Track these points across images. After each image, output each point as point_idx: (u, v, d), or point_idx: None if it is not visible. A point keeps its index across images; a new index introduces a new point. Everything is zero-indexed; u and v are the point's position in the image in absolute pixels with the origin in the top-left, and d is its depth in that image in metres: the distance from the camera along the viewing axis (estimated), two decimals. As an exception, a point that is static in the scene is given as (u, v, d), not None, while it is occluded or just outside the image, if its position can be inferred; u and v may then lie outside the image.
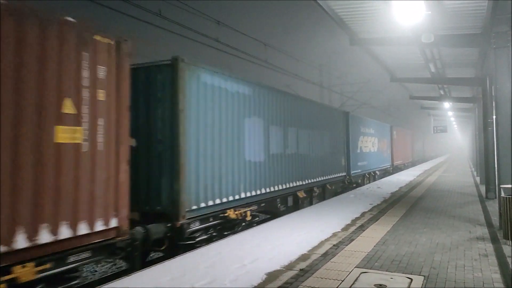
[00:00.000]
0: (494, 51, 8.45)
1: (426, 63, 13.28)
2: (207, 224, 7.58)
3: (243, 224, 8.73)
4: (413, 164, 35.84)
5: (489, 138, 11.84)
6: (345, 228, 7.78)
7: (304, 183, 12.08)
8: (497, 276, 4.89)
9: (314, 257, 5.78)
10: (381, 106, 37.17)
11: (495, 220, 8.31)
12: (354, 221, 8.49)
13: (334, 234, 7.26)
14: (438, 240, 6.73)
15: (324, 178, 13.87)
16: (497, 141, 8.54)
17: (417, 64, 13.99)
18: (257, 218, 9.47)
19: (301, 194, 11.85)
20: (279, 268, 5.25)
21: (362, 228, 7.81)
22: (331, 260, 5.60)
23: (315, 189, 13.14)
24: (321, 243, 6.58)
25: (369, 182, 19.70)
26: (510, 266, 5.26)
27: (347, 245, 6.48)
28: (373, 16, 9.11)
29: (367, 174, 20.20)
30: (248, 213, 8.79)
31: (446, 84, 16.72)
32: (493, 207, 10.07)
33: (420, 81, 15.82)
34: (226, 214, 8.07)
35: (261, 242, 6.75)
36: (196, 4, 11.04)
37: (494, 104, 8.76)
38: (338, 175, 15.54)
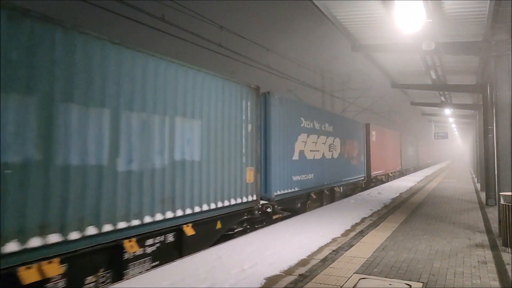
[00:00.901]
0: (495, 59, 8.54)
1: (427, 70, 13.35)
2: None
3: None
4: (401, 173, 29.10)
5: (489, 145, 11.87)
6: (344, 234, 7.79)
7: (94, 232, 5.15)
8: (495, 283, 4.90)
9: (313, 262, 5.80)
10: (383, 112, 37.26)
11: (495, 227, 8.32)
12: (354, 227, 8.50)
13: (334, 240, 7.28)
14: (438, 247, 6.75)
15: (183, 214, 6.83)
16: (497, 148, 8.59)
17: (418, 70, 14.05)
18: None
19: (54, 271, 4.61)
20: (278, 273, 5.27)
21: (361, 233, 7.82)
22: (330, 266, 5.61)
23: (145, 243, 6.12)
24: (321, 249, 6.60)
25: (320, 206, 13.07)
26: (509, 273, 5.28)
27: (346, 250, 6.49)
28: (375, 23, 9.19)
29: (314, 193, 12.78)
30: None
31: (447, 90, 16.78)
32: (493, 214, 10.05)
33: (421, 87, 15.88)
34: None
35: (260, 247, 6.77)
36: (199, 8, 11.15)
37: (494, 111, 8.80)
38: (236, 202, 8.39)
